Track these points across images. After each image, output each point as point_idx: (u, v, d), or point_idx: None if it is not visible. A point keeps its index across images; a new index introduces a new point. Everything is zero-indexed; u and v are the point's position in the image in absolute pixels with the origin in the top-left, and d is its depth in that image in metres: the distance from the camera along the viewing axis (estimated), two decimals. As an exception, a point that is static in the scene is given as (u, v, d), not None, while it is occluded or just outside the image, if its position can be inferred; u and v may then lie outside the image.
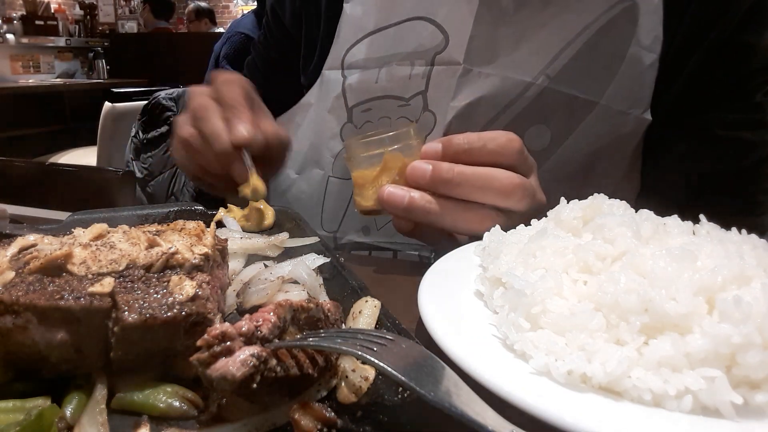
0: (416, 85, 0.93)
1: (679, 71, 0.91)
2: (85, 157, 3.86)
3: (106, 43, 6.72)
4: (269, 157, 0.87)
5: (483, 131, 0.76)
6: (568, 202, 0.64)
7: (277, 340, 0.43)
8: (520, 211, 0.73)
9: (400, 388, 0.45)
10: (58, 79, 6.38)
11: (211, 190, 0.96)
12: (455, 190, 0.72)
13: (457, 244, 0.73)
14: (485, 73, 0.89)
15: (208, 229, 0.58)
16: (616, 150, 0.94)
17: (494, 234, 0.66)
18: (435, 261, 0.66)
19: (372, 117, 0.99)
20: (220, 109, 0.83)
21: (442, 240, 0.78)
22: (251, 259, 0.70)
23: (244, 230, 0.79)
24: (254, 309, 0.49)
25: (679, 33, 0.89)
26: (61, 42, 6.50)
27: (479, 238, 0.70)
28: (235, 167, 0.81)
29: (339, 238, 1.06)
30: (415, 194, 0.73)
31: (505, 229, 0.68)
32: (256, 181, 0.81)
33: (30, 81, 6.10)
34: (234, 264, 0.67)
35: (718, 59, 0.90)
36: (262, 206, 0.82)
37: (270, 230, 0.81)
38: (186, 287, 0.47)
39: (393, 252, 1.03)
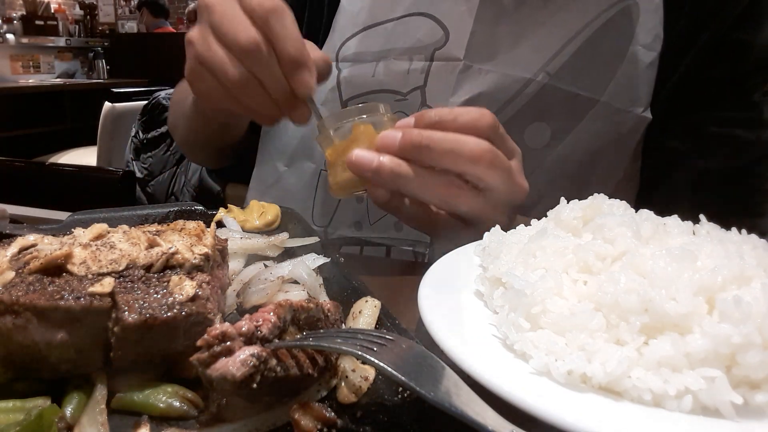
0: (414, 80, 0.93)
1: (675, 68, 0.91)
2: (85, 157, 3.86)
3: (106, 43, 6.71)
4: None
5: None
6: (568, 202, 0.64)
7: (277, 340, 0.43)
8: (494, 186, 0.71)
9: (400, 388, 0.45)
10: (58, 79, 6.37)
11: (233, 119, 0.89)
12: (424, 153, 0.70)
13: (434, 224, 0.72)
14: (485, 69, 0.89)
15: (208, 229, 0.58)
16: (617, 148, 0.94)
17: (494, 234, 0.66)
18: (431, 258, 0.65)
19: None
20: (273, 55, 0.70)
21: (419, 217, 0.76)
22: (251, 259, 0.70)
23: (244, 230, 0.79)
24: (254, 309, 0.49)
25: (675, 31, 0.89)
26: (61, 42, 6.49)
27: (457, 214, 0.70)
28: (297, 113, 0.75)
29: (330, 233, 1.05)
30: (384, 158, 0.70)
31: (481, 210, 0.67)
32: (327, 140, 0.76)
33: (30, 81, 6.09)
34: (234, 264, 0.67)
35: (714, 57, 0.90)
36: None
37: (270, 230, 0.81)
38: (186, 287, 0.47)
39: (386, 248, 1.03)
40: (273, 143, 1.10)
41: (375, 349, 0.41)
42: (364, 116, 0.75)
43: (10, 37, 5.97)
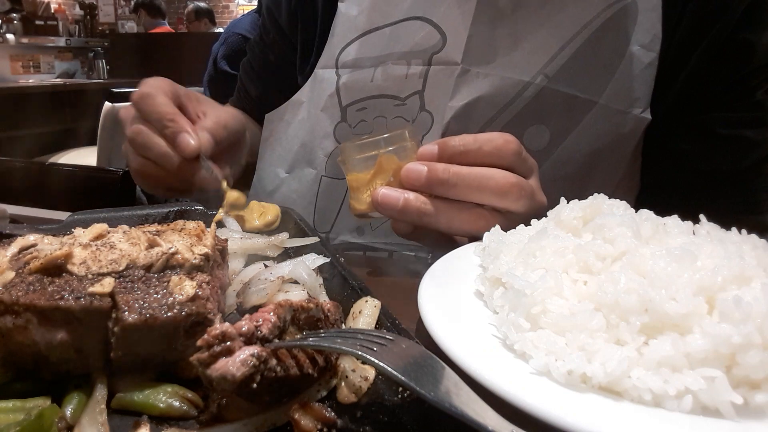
0: (413, 85, 0.93)
1: (679, 70, 0.91)
2: (85, 157, 3.85)
3: (106, 43, 6.70)
4: (227, 148, 0.85)
5: (481, 131, 0.75)
6: (568, 202, 0.64)
7: (277, 340, 0.43)
8: (518, 212, 0.73)
9: (400, 388, 0.45)
10: (58, 79, 6.36)
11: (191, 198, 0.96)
12: (451, 190, 0.71)
13: (456, 246, 0.73)
14: (483, 73, 0.89)
15: (209, 230, 0.58)
16: (616, 149, 0.94)
17: (494, 234, 0.66)
18: (432, 260, 0.65)
19: (367, 116, 0.99)
20: (153, 129, 0.81)
21: (442, 243, 0.77)
22: (251, 259, 0.70)
23: (244, 230, 0.79)
24: (254, 309, 0.49)
25: (678, 31, 0.89)
26: (61, 42, 6.49)
27: (478, 239, 0.70)
28: (200, 176, 0.81)
29: (332, 239, 1.05)
30: (410, 195, 0.71)
31: (505, 229, 0.68)
32: (230, 196, 0.81)
33: (30, 81, 6.09)
34: (234, 264, 0.67)
35: (718, 57, 0.90)
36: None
37: (270, 230, 0.81)
38: (186, 287, 0.47)
39: (388, 253, 1.03)
40: (273, 150, 1.10)
41: (375, 349, 0.41)
42: (390, 148, 0.76)
43: (10, 37, 5.96)
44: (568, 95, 0.89)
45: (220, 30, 6.06)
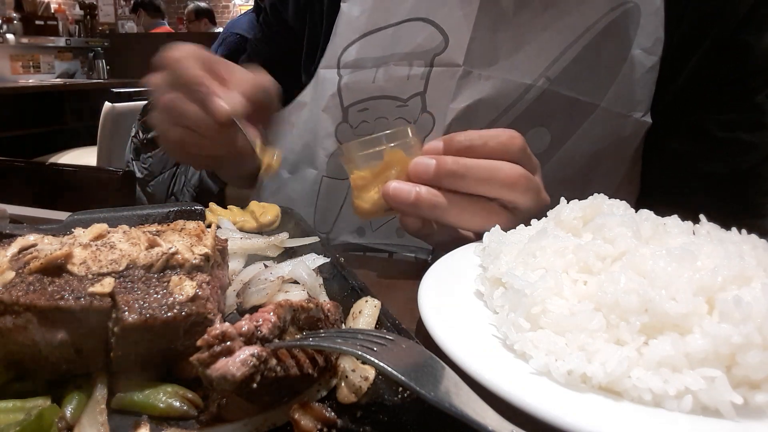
0: (414, 86, 0.93)
1: (678, 71, 0.91)
2: (85, 157, 3.86)
3: (106, 43, 6.70)
4: (261, 109, 0.84)
5: None
6: (568, 203, 0.64)
7: (277, 340, 0.43)
8: (526, 207, 0.72)
9: (400, 388, 0.45)
10: (58, 79, 6.36)
11: (221, 171, 0.97)
12: (460, 182, 0.70)
13: (461, 244, 0.72)
14: (485, 75, 0.89)
15: (209, 230, 0.58)
16: (617, 153, 0.94)
17: (494, 234, 0.66)
18: (434, 262, 0.65)
19: (368, 117, 0.99)
20: (187, 95, 0.79)
21: (448, 239, 0.77)
22: (251, 259, 0.70)
23: (244, 230, 0.79)
24: (254, 309, 0.49)
25: (678, 33, 0.89)
26: (61, 42, 6.48)
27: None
28: (238, 139, 0.79)
29: (332, 239, 1.05)
30: (422, 189, 0.71)
31: (507, 229, 0.68)
32: (266, 159, 0.79)
33: (30, 81, 6.08)
34: (234, 264, 0.67)
35: (717, 59, 0.90)
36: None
37: (270, 230, 0.80)
38: (186, 287, 0.47)
39: (388, 254, 1.03)
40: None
41: (375, 349, 0.41)
42: (393, 144, 0.76)
43: (10, 37, 5.96)
44: (569, 98, 0.89)
45: (220, 30, 6.06)
